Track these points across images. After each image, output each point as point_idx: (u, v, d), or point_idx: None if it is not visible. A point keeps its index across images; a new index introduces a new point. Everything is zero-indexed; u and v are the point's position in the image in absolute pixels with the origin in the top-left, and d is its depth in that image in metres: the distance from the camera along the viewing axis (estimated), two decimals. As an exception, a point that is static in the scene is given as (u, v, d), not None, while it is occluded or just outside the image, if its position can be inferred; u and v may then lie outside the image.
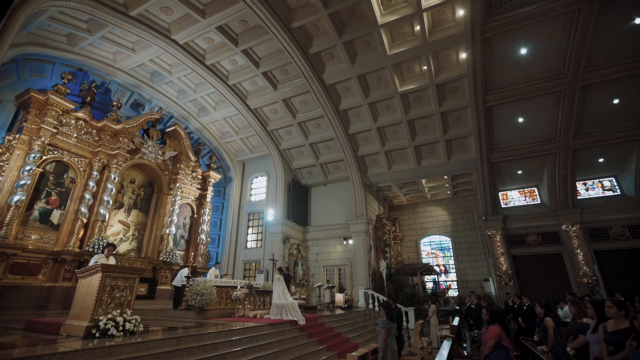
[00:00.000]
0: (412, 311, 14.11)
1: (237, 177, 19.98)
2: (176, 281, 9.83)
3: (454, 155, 16.82)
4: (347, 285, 17.35)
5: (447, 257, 20.85)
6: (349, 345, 8.25)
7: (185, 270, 9.61)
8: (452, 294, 19.66)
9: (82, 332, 4.58)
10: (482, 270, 19.32)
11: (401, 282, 16.60)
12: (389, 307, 4.92)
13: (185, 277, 9.09)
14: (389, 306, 4.94)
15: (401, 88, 14.54)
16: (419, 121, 15.84)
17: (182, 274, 9.54)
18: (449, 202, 21.73)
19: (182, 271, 9.78)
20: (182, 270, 9.81)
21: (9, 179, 10.43)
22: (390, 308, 4.95)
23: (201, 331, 5.55)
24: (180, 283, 9.24)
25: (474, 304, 10.24)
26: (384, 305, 4.95)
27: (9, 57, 10.78)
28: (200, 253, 16.51)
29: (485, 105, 14.23)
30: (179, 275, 9.72)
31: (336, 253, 18.31)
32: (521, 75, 13.26)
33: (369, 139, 17.23)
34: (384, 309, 4.88)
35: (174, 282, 10.08)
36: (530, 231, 16.62)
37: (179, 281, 9.52)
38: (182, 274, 9.61)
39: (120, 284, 5.15)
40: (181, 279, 9.42)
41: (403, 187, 20.65)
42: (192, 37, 12.65)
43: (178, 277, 9.76)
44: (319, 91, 14.83)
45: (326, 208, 19.45)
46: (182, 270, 9.76)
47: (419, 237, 21.95)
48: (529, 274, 16.14)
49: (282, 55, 13.65)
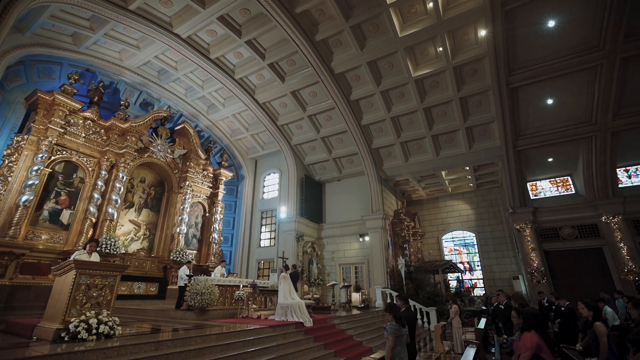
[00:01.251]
0: (433, 312, 13.18)
1: (249, 174, 19.65)
2: (179, 280, 9.47)
3: (475, 144, 15.62)
4: (364, 284, 16.57)
5: (471, 253, 19.55)
6: (361, 350, 7.53)
7: (186, 269, 9.20)
8: (478, 293, 18.39)
9: (51, 335, 4.16)
10: (511, 267, 17.93)
11: (421, 280, 15.60)
12: (396, 309, 4.16)
13: (186, 275, 8.68)
14: (395, 308, 4.17)
15: (415, 73, 13.59)
16: (436, 108, 14.79)
17: (183, 272, 9.14)
18: (472, 196, 20.40)
19: (181, 269, 9.39)
20: (182, 269, 9.42)
21: (17, 179, 10.49)
22: (397, 310, 4.16)
23: (189, 334, 5.03)
24: (184, 282, 8.84)
25: (502, 304, 9.15)
26: (389, 308, 4.19)
27: (16, 58, 10.85)
28: (212, 252, 16.27)
29: (509, 87, 13.01)
30: (181, 272, 9.34)
31: (352, 251, 17.55)
32: (549, 51, 11.96)
33: (383, 130, 16.34)
34: (389, 312, 4.13)
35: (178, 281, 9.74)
36: (565, 224, 15.14)
37: (182, 280, 9.14)
38: (182, 272, 9.22)
39: (98, 282, 4.71)
40: (181, 277, 9.04)
41: (422, 181, 19.55)
42: (195, 30, 12.31)
43: (181, 274, 9.38)
44: (328, 81, 14.14)
45: (341, 204, 18.74)
46: (182, 269, 9.36)
47: (441, 233, 20.76)
48: (564, 271, 14.70)
49: (287, 45, 13.08)
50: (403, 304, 4.70)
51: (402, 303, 4.68)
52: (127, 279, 12.14)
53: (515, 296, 8.53)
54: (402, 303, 4.69)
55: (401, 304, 4.66)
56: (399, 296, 4.80)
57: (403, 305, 4.71)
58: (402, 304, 4.70)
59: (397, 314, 4.08)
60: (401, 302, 4.66)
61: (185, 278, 8.56)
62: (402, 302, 4.68)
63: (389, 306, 4.19)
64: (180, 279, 9.15)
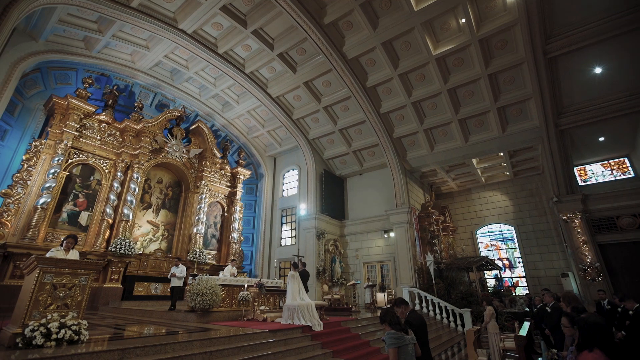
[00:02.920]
0: (467, 313, 11.85)
1: (268, 172, 19.26)
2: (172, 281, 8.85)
3: (510, 126, 13.99)
4: (390, 283, 15.48)
5: (510, 249, 17.68)
6: (377, 359, 6.62)
7: (183, 268, 8.70)
8: (520, 292, 16.55)
9: (7, 340, 3.75)
10: (559, 263, 15.92)
11: (454, 279, 14.21)
12: (391, 316, 3.25)
13: (177, 276, 8.23)
14: (390, 314, 3.26)
15: (436, 51, 12.34)
16: (461, 89, 13.40)
17: (180, 272, 8.66)
18: (509, 185, 18.48)
19: (178, 269, 8.86)
20: (179, 269, 8.89)
21: (36, 183, 10.73)
22: (392, 316, 3.24)
23: (166, 340, 4.46)
24: (179, 283, 8.44)
25: (549, 306, 7.67)
26: (384, 315, 3.28)
27: (31, 65, 11.15)
28: (232, 252, 16.02)
29: (547, 56, 11.38)
30: (176, 272, 8.78)
31: (377, 248, 16.52)
32: (595, 9, 10.24)
33: (404, 118, 15.17)
34: (384, 321, 3.23)
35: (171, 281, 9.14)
36: (623, 212, 13.04)
37: (177, 280, 8.66)
38: (178, 272, 8.72)
39: (66, 281, 4.28)
40: (179, 277, 8.59)
41: (450, 171, 18.02)
42: (199, 24, 12.01)
43: (178, 274, 8.83)
44: (341, 68, 13.29)
45: (364, 199, 17.77)
46: (179, 269, 8.84)
47: (475, 228, 19.03)
48: (624, 267, 12.63)
49: (295, 32, 12.42)
50: (406, 308, 3.77)
51: (404, 308, 3.74)
52: (145, 280, 12.09)
53: (566, 297, 7.03)
54: (404, 307, 3.76)
55: (404, 309, 3.73)
56: (396, 302, 3.87)
57: (406, 310, 3.77)
58: (405, 308, 3.76)
59: (394, 319, 3.18)
60: (403, 307, 3.74)
61: (181, 278, 8.09)
62: (403, 307, 3.75)
63: (383, 314, 3.32)
64: (176, 279, 8.62)
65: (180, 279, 8.59)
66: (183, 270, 8.79)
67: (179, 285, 8.49)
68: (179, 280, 8.61)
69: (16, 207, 10.20)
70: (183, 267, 8.78)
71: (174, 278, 8.62)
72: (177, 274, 8.71)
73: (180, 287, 8.54)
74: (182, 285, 8.37)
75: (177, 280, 8.62)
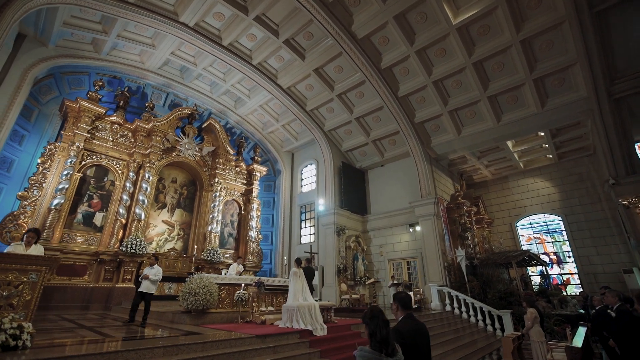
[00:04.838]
0: (507, 316, 10.39)
1: (285, 168, 18.67)
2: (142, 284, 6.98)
3: (550, 100, 12.17)
4: (419, 282, 14.17)
5: (558, 242, 15.57)
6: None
7: (151, 270, 7.03)
8: (572, 291, 14.47)
9: None
10: (619, 257, 13.67)
11: (490, 276, 12.62)
12: (376, 321, 2.26)
13: (149, 279, 6.79)
14: (376, 317, 2.27)
15: (456, 19, 10.96)
16: (489, 61, 11.84)
17: (148, 274, 6.98)
18: (553, 170, 16.32)
19: (145, 270, 7.16)
20: (145, 270, 7.22)
21: (51, 185, 10.89)
22: (376, 323, 2.26)
23: (127, 347, 3.84)
24: (147, 287, 6.84)
25: (613, 308, 5.94)
26: (368, 316, 2.29)
27: (44, 71, 11.38)
28: (250, 251, 15.59)
29: (593, 10, 9.59)
30: (150, 273, 7.01)
31: (402, 244, 15.26)
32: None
33: (425, 100, 13.82)
34: (365, 323, 2.25)
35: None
36: (701, 193, 10.77)
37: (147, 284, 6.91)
38: (152, 273, 7.01)
39: (12, 278, 3.79)
40: (152, 280, 6.91)
41: (482, 157, 16.27)
42: (200, 15, 11.61)
43: (152, 276, 7.02)
44: (352, 49, 12.30)
45: (387, 192, 16.56)
46: (146, 270, 7.15)
47: (514, 219, 17.05)
48: None
49: (300, 15, 11.64)
50: (401, 312, 2.71)
51: (398, 308, 2.68)
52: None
53: (640, 297, 5.43)
54: (400, 310, 2.69)
55: (398, 310, 2.68)
56: (394, 297, 2.81)
57: (401, 313, 2.72)
58: (400, 311, 2.70)
59: (375, 329, 2.22)
60: (396, 306, 2.69)
61: (155, 282, 6.84)
62: (397, 306, 2.68)
63: (368, 313, 2.36)
64: (148, 282, 6.87)
65: (155, 283, 6.89)
66: (159, 272, 7.02)
67: (152, 291, 6.85)
68: (152, 285, 6.85)
69: (32, 209, 10.40)
70: (159, 268, 7.15)
71: (146, 281, 6.81)
72: (151, 275, 6.87)
73: (151, 295, 6.89)
74: (153, 293, 6.88)
75: (149, 284, 6.82)
